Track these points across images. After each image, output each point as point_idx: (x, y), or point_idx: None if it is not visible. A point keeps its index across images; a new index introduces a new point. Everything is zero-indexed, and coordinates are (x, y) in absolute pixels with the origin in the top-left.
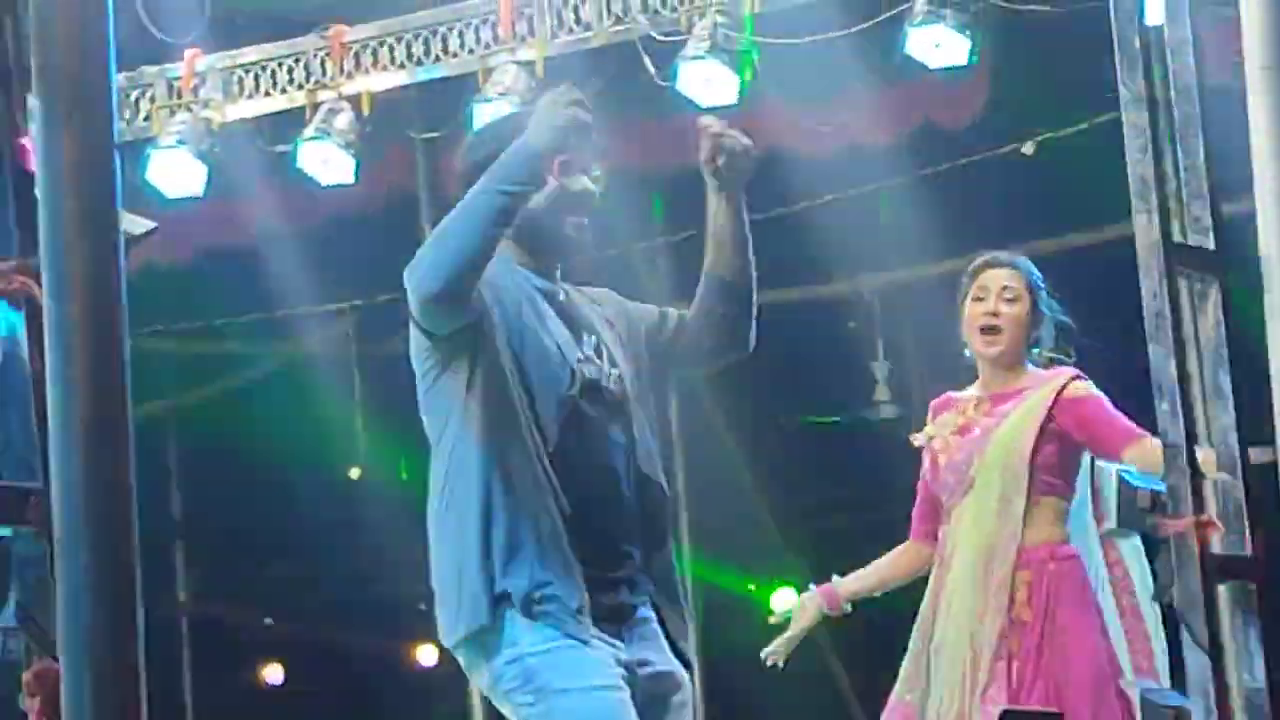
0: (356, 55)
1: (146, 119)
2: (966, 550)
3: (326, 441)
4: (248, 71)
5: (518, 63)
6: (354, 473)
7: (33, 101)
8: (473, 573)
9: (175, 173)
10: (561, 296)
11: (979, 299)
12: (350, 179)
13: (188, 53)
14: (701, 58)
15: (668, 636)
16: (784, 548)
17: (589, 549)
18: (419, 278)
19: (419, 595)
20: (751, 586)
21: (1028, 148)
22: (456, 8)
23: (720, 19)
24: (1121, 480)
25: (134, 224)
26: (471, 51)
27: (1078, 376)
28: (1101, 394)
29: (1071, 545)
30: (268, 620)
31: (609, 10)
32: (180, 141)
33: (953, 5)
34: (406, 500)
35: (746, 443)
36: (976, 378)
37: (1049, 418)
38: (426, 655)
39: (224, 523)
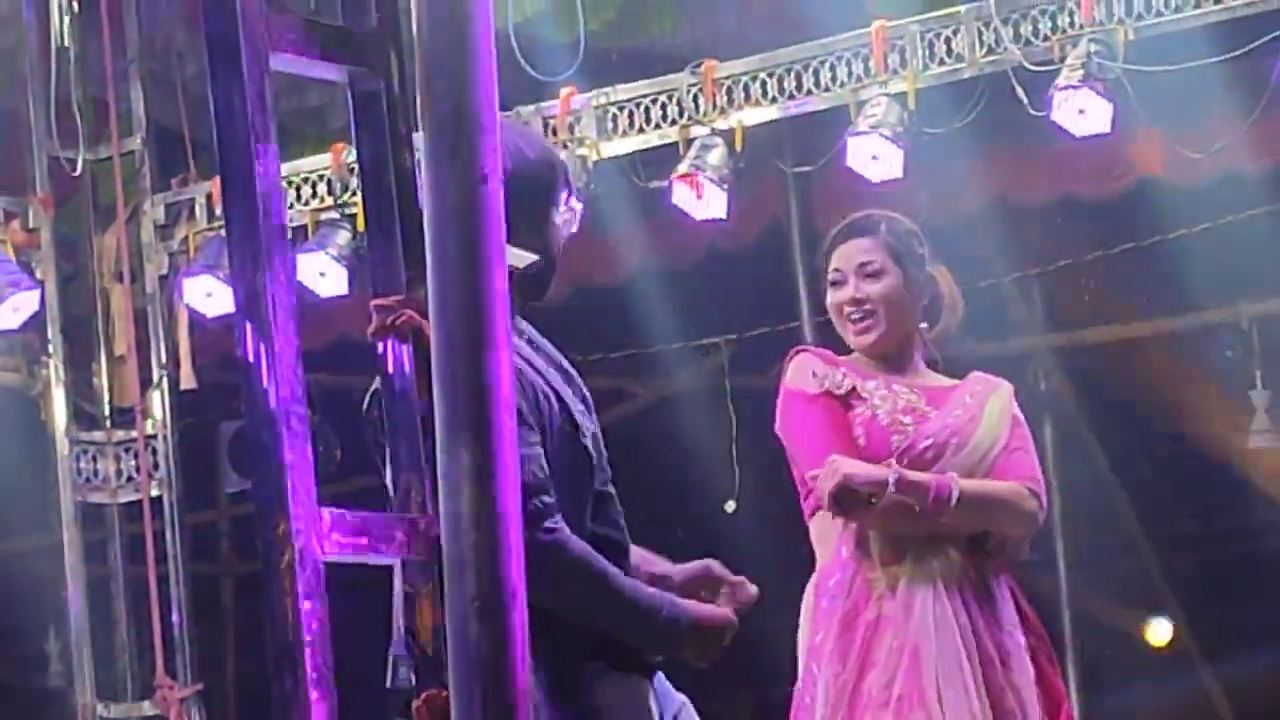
0: (729, 90)
1: None
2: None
3: (702, 475)
4: (621, 109)
5: (889, 95)
6: (729, 506)
7: (419, 139)
8: None
9: None
10: (541, 343)
11: (837, 283)
12: (723, 214)
13: (563, 90)
14: (1075, 87)
15: None
16: (1160, 577)
17: None
18: (553, 589)
19: (785, 627)
20: (1127, 615)
21: None
22: (827, 42)
23: (1094, 47)
24: None
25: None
26: (843, 85)
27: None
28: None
29: None
30: None
31: (981, 41)
32: None
33: None
34: (778, 534)
35: (1122, 470)
36: None
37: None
38: None
39: None
